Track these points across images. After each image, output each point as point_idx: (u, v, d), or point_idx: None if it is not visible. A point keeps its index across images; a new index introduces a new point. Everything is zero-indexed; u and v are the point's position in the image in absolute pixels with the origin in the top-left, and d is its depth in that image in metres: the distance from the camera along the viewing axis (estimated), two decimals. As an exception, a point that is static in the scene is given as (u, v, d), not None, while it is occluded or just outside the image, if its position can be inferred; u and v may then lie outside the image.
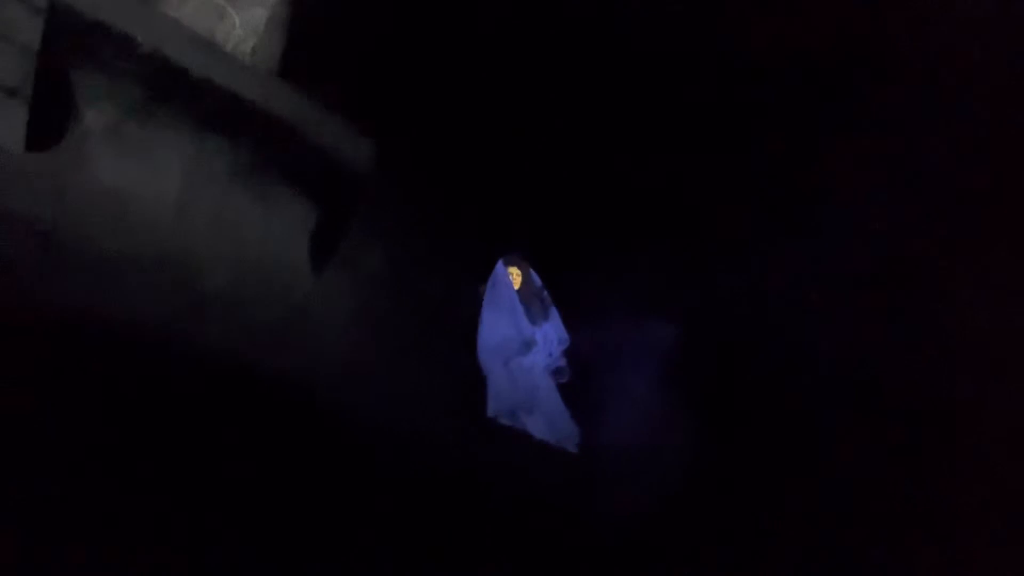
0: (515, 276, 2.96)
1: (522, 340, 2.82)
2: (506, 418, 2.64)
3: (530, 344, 2.84)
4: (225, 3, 2.40)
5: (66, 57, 2.06)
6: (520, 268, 2.97)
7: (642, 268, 2.94)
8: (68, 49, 2.05)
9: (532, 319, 2.90)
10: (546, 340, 2.92)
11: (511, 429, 2.62)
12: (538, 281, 2.98)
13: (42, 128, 2.06)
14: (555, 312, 2.95)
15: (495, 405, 2.66)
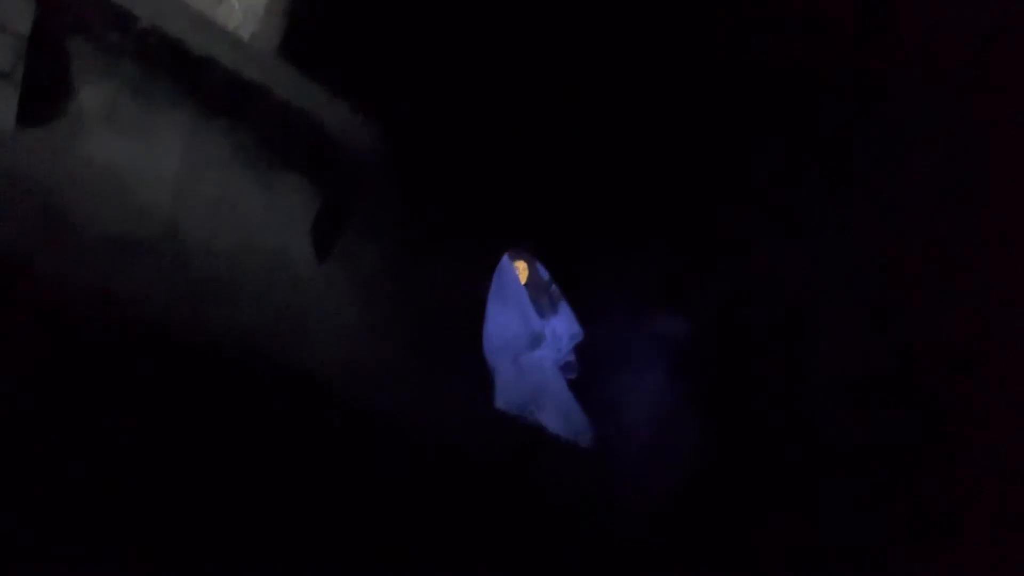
0: (521, 270, 2.89)
1: (530, 334, 2.75)
2: (515, 413, 2.56)
3: (539, 338, 2.77)
4: (224, -14, 2.33)
5: (61, 31, 1.98)
6: (526, 262, 2.90)
7: (650, 264, 2.89)
8: (63, 23, 1.98)
9: (540, 313, 2.83)
10: (555, 335, 2.85)
11: (522, 421, 2.54)
12: (545, 275, 2.91)
13: (35, 105, 1.99)
14: (565, 306, 2.88)
15: (503, 400, 2.59)
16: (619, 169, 2.89)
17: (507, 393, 2.60)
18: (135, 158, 2.08)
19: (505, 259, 2.85)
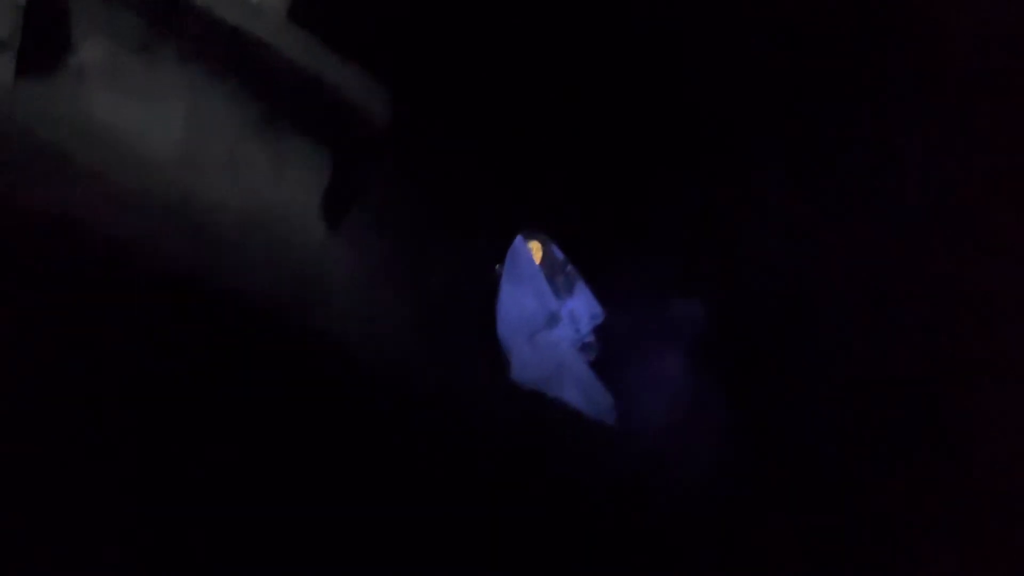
0: (535, 251, 2.79)
1: (547, 313, 2.65)
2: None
3: (555, 318, 2.67)
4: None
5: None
6: (540, 243, 2.80)
7: (669, 247, 2.80)
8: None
9: (556, 293, 2.73)
10: (572, 316, 2.74)
11: (542, 395, 2.45)
12: (560, 255, 2.81)
13: (33, 59, 1.91)
14: (583, 287, 2.78)
15: (520, 378, 2.48)
16: (637, 150, 2.83)
17: (524, 371, 2.50)
18: (138, 118, 2.01)
19: (518, 240, 2.76)
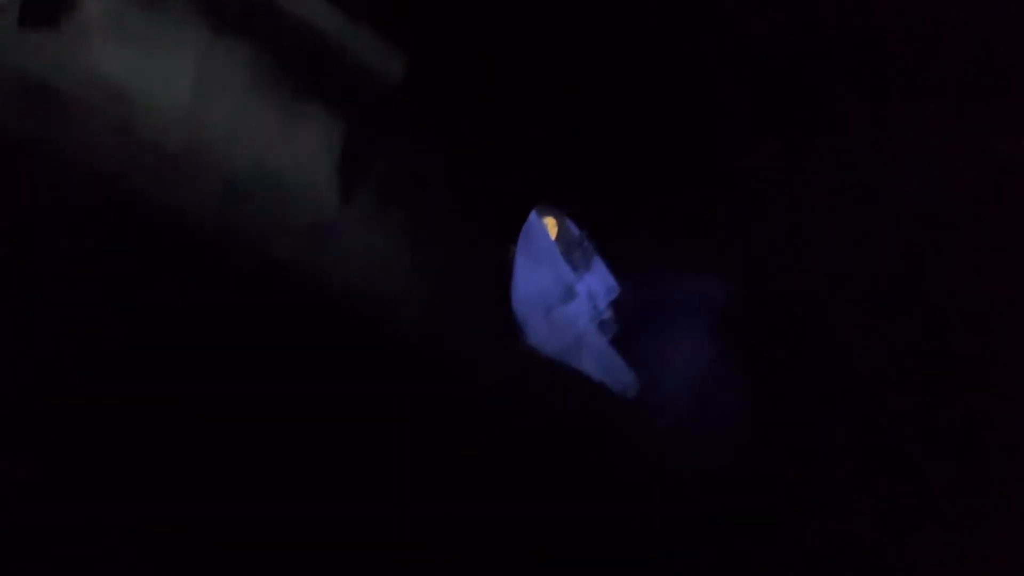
0: (551, 226, 2.72)
1: (563, 287, 2.58)
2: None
3: (572, 292, 2.60)
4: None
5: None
6: (556, 218, 2.73)
7: (691, 221, 2.73)
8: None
9: (573, 269, 2.66)
10: (589, 292, 2.68)
11: (560, 364, 2.39)
12: (576, 230, 2.74)
13: (35, 11, 1.86)
14: (599, 262, 2.71)
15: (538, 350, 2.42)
16: (657, 120, 2.77)
17: (541, 347, 2.44)
18: (144, 75, 1.95)
19: (533, 215, 2.69)
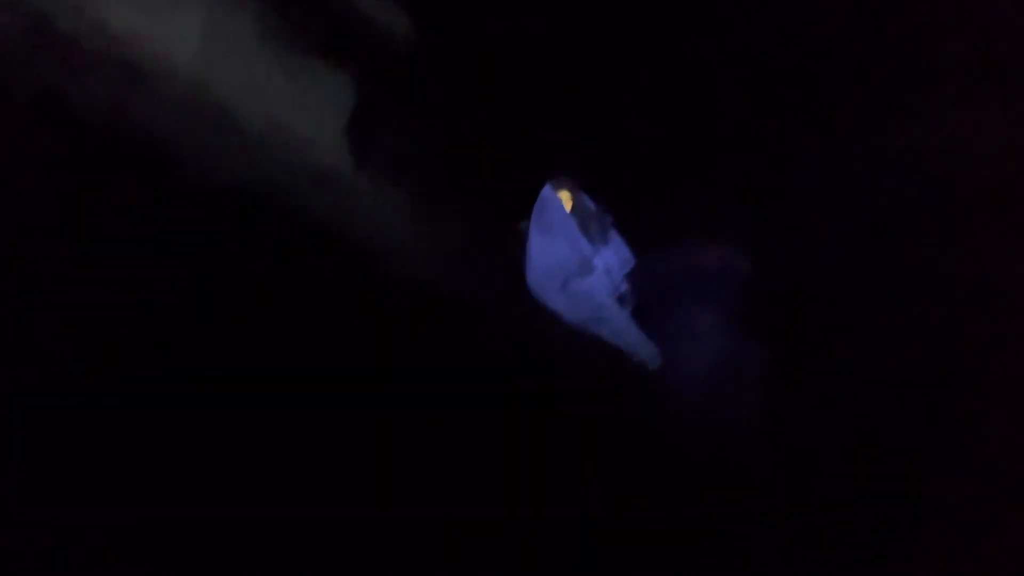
0: (565, 200, 2.65)
1: (580, 259, 2.51)
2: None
3: (589, 265, 2.53)
4: None
5: None
6: (570, 191, 2.67)
7: (710, 194, 2.68)
8: None
9: (590, 241, 2.59)
10: (607, 266, 2.60)
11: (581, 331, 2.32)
12: (592, 203, 2.67)
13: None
14: (615, 235, 2.64)
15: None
16: (675, 88, 2.70)
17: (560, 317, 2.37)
18: (149, 28, 1.90)
19: (547, 189, 2.63)
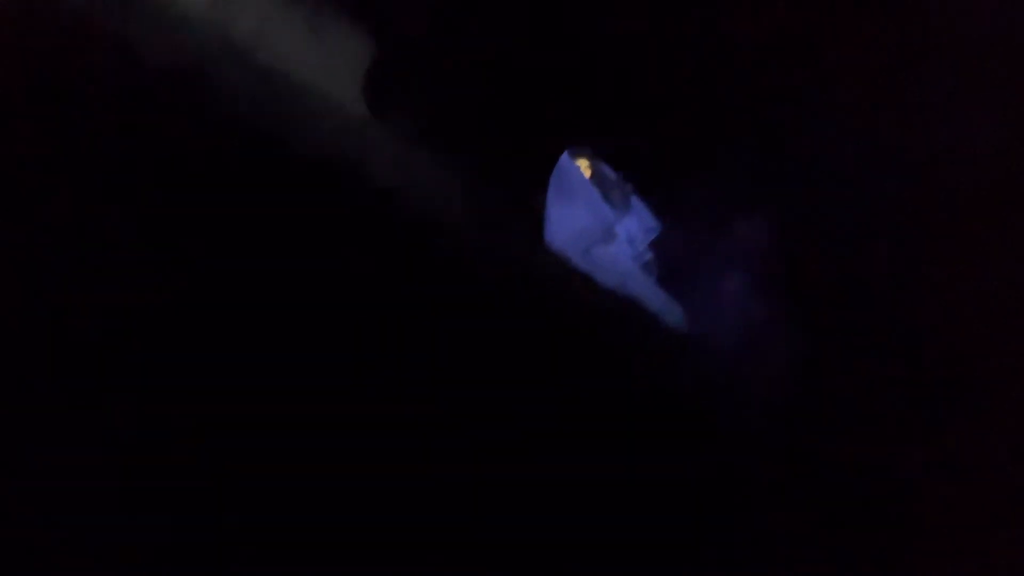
0: (584, 168, 2.60)
1: (603, 227, 2.46)
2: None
3: (611, 232, 2.47)
4: None
5: None
6: (589, 159, 2.61)
7: (737, 163, 2.65)
8: None
9: (612, 208, 2.53)
10: (629, 234, 2.54)
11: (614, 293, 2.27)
12: (612, 172, 2.61)
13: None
14: (637, 201, 2.58)
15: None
16: (702, 57, 2.65)
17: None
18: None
19: (565, 157, 2.57)
